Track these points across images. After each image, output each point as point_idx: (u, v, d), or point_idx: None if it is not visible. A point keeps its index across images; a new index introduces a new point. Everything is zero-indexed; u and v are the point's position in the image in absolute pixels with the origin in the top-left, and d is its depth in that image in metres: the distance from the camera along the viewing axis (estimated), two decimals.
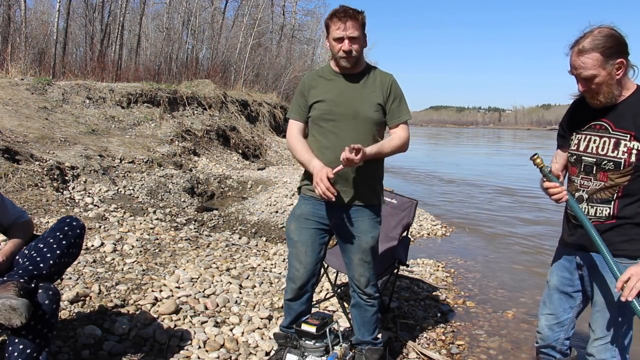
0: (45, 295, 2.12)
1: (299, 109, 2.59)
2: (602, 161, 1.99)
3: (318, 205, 2.56)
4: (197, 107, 12.34)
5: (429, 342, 3.41)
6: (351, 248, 2.58)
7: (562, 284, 2.23)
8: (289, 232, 2.64)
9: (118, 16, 18.73)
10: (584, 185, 2.07)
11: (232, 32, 24.90)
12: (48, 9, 19.95)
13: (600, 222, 2.02)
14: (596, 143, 2.01)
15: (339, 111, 2.48)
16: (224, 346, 2.93)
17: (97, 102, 9.48)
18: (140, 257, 4.07)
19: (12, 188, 4.94)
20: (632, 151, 1.92)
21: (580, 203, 2.07)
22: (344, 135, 2.46)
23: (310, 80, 2.59)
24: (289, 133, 2.63)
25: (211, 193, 7.96)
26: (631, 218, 1.97)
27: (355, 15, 2.39)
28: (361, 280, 2.62)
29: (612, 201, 1.99)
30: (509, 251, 6.34)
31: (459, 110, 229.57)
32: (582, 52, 1.90)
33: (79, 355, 2.60)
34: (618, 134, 1.96)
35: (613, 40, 1.88)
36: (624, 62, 1.90)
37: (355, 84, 2.52)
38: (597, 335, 2.06)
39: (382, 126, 2.59)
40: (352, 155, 2.26)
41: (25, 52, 12.38)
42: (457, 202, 10.09)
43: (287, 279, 2.68)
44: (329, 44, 2.48)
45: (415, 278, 4.72)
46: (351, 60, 2.44)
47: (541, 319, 2.32)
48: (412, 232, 6.66)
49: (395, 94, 2.56)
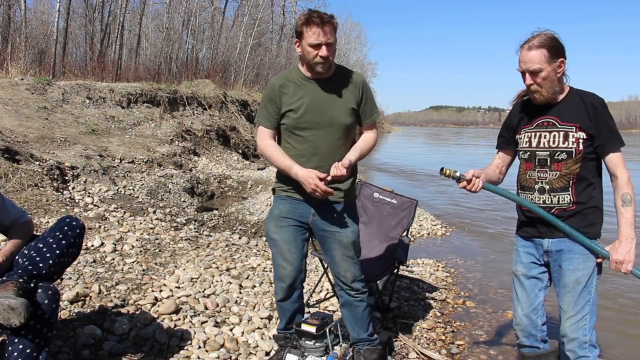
0: (45, 295, 2.12)
1: (270, 116, 2.54)
2: (556, 152, 2.25)
3: (295, 204, 2.58)
4: (197, 107, 12.34)
5: (429, 342, 3.41)
6: (333, 244, 2.60)
7: (529, 268, 2.42)
8: (269, 233, 2.64)
9: (118, 16, 18.74)
10: (541, 177, 2.31)
11: (232, 32, 24.91)
12: (48, 9, 19.98)
13: (563, 210, 2.26)
14: (547, 138, 2.28)
15: (314, 119, 2.47)
16: (224, 346, 2.93)
17: (97, 102, 9.48)
18: (140, 257, 4.07)
19: (12, 188, 4.94)
20: (579, 140, 2.20)
21: (542, 194, 2.30)
22: (320, 143, 2.48)
23: (281, 85, 2.52)
24: (260, 140, 2.59)
25: (211, 193, 7.96)
26: (587, 202, 2.25)
27: (330, 20, 2.38)
28: (347, 276, 2.62)
29: (569, 188, 2.25)
30: (509, 251, 6.30)
31: (459, 110, 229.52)
32: (531, 48, 2.18)
33: (79, 355, 2.60)
34: (565, 127, 2.23)
35: (556, 42, 2.20)
36: (564, 61, 2.22)
37: (329, 89, 2.50)
38: (569, 314, 2.26)
39: (354, 129, 2.63)
40: (343, 171, 2.35)
41: (25, 52, 12.38)
42: (457, 202, 10.09)
43: (276, 279, 2.66)
44: (303, 49, 2.42)
45: (415, 278, 4.72)
46: (326, 66, 2.43)
47: (517, 310, 2.48)
48: (412, 232, 6.65)
49: (367, 95, 2.59)
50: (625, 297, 4.60)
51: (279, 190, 2.64)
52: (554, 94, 2.24)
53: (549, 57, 2.17)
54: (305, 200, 2.53)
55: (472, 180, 2.27)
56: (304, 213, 2.57)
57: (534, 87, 2.22)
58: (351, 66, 50.25)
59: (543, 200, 2.30)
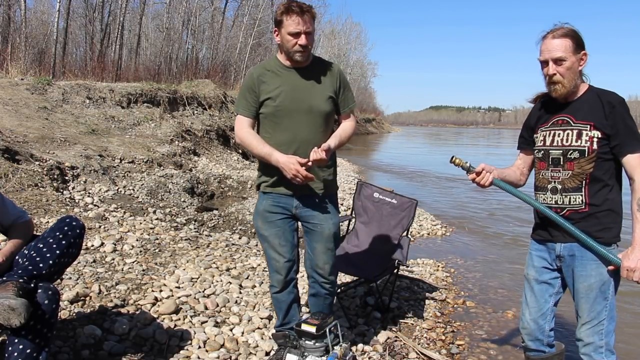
0: (45, 295, 2.12)
1: (248, 105, 2.58)
2: (568, 151, 2.18)
3: (278, 198, 2.62)
4: (197, 107, 12.33)
5: (429, 342, 3.41)
6: (315, 236, 2.64)
7: (540, 273, 2.35)
8: (258, 230, 2.69)
9: (118, 16, 18.73)
10: (554, 177, 2.24)
11: (232, 32, 24.90)
12: (48, 9, 19.99)
13: (575, 211, 2.18)
14: (560, 136, 2.21)
15: (294, 107, 2.52)
16: (224, 346, 2.93)
17: (97, 102, 9.47)
18: (140, 257, 4.07)
19: (12, 188, 4.94)
20: (593, 139, 2.12)
21: (554, 194, 2.24)
22: (299, 130, 2.52)
23: (260, 75, 2.57)
24: (239, 129, 2.62)
25: (211, 193, 7.96)
26: (601, 205, 2.15)
27: (310, 10, 2.46)
28: (325, 268, 2.67)
29: (582, 188, 2.17)
30: (509, 251, 6.34)
31: (459, 110, 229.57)
32: (556, 37, 2.13)
33: (79, 355, 2.60)
34: (579, 126, 2.16)
35: (579, 35, 2.16)
36: (587, 55, 2.16)
37: (307, 77, 2.56)
38: (584, 320, 2.19)
39: (333, 117, 2.67)
40: (322, 155, 2.39)
41: (25, 52, 12.38)
42: (457, 201, 10.09)
43: (272, 273, 2.69)
44: (282, 38, 2.48)
45: (415, 278, 4.72)
46: (305, 55, 2.50)
47: (525, 314, 2.43)
48: (412, 232, 6.65)
49: (344, 84, 2.66)
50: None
51: (263, 186, 2.67)
52: (574, 87, 2.17)
53: (574, 47, 2.11)
54: (288, 194, 2.58)
55: (481, 172, 2.24)
56: (287, 205, 2.62)
57: (556, 77, 2.14)
58: (351, 66, 50.31)
59: (555, 201, 2.22)
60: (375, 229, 4.00)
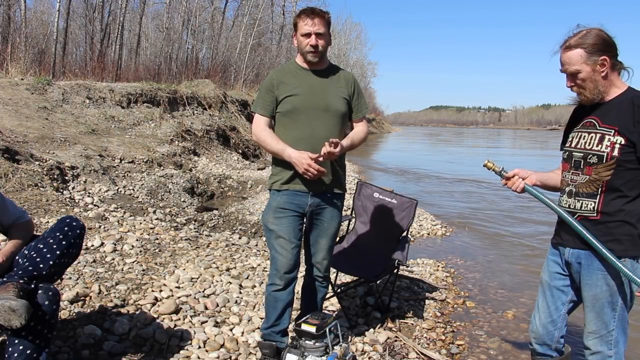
0: (45, 296, 2.12)
1: (265, 104, 2.70)
2: (588, 155, 2.10)
3: (292, 195, 2.66)
4: (197, 107, 12.34)
5: (429, 342, 3.41)
6: (320, 233, 2.74)
7: (552, 278, 2.32)
8: (267, 224, 2.70)
9: (118, 16, 18.73)
10: (573, 180, 2.18)
11: (232, 32, 24.90)
12: (48, 9, 19.99)
13: (585, 217, 2.12)
14: (585, 139, 2.14)
15: (311, 104, 2.62)
16: (224, 346, 2.93)
17: (97, 102, 9.48)
18: (140, 257, 4.07)
19: (12, 188, 4.94)
20: (615, 145, 2.02)
21: (569, 197, 2.18)
22: (315, 127, 2.61)
23: (279, 76, 2.70)
24: (256, 126, 2.74)
25: (211, 193, 7.97)
26: (614, 215, 2.06)
27: (322, 14, 2.60)
28: (323, 264, 2.79)
29: (597, 195, 2.09)
30: (509, 251, 6.34)
31: (459, 110, 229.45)
32: (568, 49, 2.07)
33: (79, 355, 2.60)
34: (604, 130, 2.07)
35: (597, 39, 2.04)
36: (607, 59, 2.03)
37: (323, 78, 2.71)
38: (590, 329, 2.16)
39: (347, 119, 2.76)
40: (332, 149, 2.46)
41: (25, 52, 12.36)
42: (457, 201, 10.09)
43: (275, 270, 2.66)
44: (297, 40, 2.64)
45: (415, 278, 4.72)
46: (317, 55, 2.62)
47: (535, 318, 2.40)
48: (412, 232, 6.65)
49: (358, 91, 2.79)
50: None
51: (278, 184, 2.70)
52: (600, 94, 2.08)
53: (587, 56, 2.02)
54: (304, 192, 2.64)
55: (511, 178, 2.22)
56: (301, 203, 2.66)
57: (575, 89, 2.11)
58: (351, 66, 50.28)
59: (568, 205, 2.17)
60: (375, 229, 3.99)
